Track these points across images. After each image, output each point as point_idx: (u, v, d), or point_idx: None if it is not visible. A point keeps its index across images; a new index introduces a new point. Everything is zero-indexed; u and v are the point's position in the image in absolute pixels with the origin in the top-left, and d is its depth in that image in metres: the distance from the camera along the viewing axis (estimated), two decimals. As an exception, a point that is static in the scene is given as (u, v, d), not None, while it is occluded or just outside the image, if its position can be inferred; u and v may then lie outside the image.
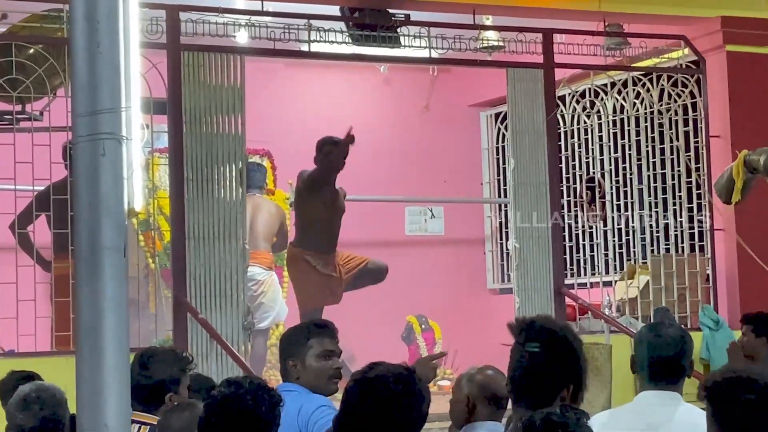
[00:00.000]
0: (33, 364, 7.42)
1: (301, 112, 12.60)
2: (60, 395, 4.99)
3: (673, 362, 4.52)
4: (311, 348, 4.97)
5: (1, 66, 8.61)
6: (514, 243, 10.17)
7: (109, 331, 3.40)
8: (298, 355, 4.97)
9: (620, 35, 10.59)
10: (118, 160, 3.46)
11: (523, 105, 10.25)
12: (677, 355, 4.53)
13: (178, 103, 8.99)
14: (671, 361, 4.52)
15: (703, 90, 10.73)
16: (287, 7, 9.59)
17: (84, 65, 3.47)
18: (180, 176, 8.98)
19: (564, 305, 10.13)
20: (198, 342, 8.72)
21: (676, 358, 4.53)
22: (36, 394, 4.95)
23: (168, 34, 9.02)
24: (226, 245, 9.00)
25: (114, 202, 3.45)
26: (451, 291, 12.87)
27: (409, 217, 13.35)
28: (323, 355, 4.97)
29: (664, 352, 4.52)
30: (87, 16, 3.48)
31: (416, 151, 12.95)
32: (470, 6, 9.97)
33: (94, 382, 3.39)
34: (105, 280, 3.41)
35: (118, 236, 3.44)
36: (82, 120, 3.44)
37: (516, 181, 10.20)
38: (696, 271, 10.52)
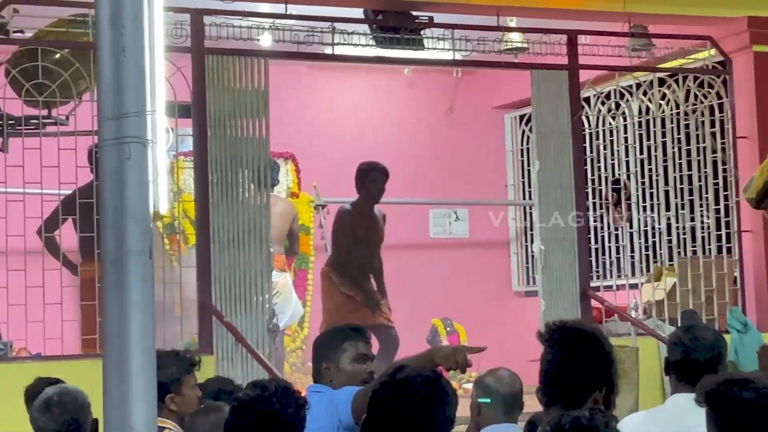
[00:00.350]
0: (60, 367, 7.47)
1: (325, 115, 12.62)
2: (82, 399, 5.00)
3: (709, 365, 4.49)
4: (345, 351, 4.99)
5: (28, 71, 8.63)
6: (539, 245, 10.14)
7: (136, 334, 3.41)
8: (332, 358, 4.99)
9: (645, 36, 10.55)
10: (143, 164, 3.46)
11: (547, 107, 10.22)
12: (713, 358, 4.50)
13: (202, 107, 9.01)
14: (707, 364, 4.49)
15: (730, 91, 10.68)
16: (311, 10, 9.59)
17: (109, 69, 3.48)
18: (205, 179, 8.99)
19: (590, 308, 10.09)
20: (223, 345, 8.73)
21: (712, 362, 4.50)
22: (58, 398, 4.97)
23: (192, 38, 9.03)
24: (250, 248, 9.00)
25: (139, 205, 3.45)
26: (476, 294, 12.85)
27: (434, 220, 13.34)
28: (357, 358, 4.99)
29: (701, 355, 4.50)
30: (112, 20, 3.49)
31: (440, 153, 12.95)
32: (494, 8, 9.95)
33: (120, 385, 3.39)
34: (131, 283, 3.41)
35: (143, 239, 3.44)
36: (107, 123, 3.44)
37: (541, 183, 10.17)
38: (723, 273, 10.46)
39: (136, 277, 3.44)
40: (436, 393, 3.44)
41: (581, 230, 10.14)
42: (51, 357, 8.30)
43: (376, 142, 12.20)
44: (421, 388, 3.44)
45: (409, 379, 3.46)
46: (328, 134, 12.56)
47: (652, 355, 9.60)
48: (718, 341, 4.58)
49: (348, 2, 9.74)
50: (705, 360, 4.50)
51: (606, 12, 10.18)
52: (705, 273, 10.41)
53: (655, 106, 10.72)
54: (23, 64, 8.65)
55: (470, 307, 12.44)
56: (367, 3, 9.79)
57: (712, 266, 10.44)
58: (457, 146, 13.08)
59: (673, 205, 10.63)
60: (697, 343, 4.53)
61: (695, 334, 4.59)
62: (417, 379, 3.46)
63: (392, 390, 3.45)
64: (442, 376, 3.53)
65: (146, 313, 3.45)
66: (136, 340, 3.41)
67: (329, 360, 4.99)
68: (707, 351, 4.51)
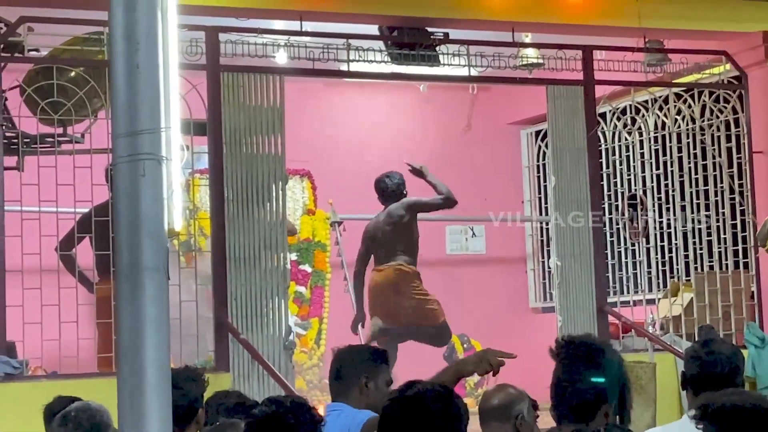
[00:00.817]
0: (76, 385, 7.46)
1: (341, 132, 12.61)
2: (101, 416, 5.00)
3: (726, 379, 4.47)
4: (382, 373, 5.00)
5: (43, 89, 8.66)
6: (555, 261, 10.12)
7: (151, 351, 3.40)
8: (372, 375, 5.00)
9: (661, 51, 10.53)
10: (158, 181, 3.46)
11: (563, 122, 10.21)
12: (730, 371, 4.48)
13: (218, 124, 9.01)
14: (724, 377, 4.47)
15: (746, 105, 10.66)
16: (326, 27, 9.60)
17: (123, 86, 3.48)
18: (220, 197, 8.99)
19: (607, 323, 10.06)
20: (239, 362, 8.72)
21: (729, 375, 4.48)
22: (75, 413, 4.97)
23: (207, 56, 9.05)
24: (266, 265, 9.00)
25: (154, 222, 3.44)
26: (492, 310, 12.82)
27: (450, 236, 13.32)
28: (389, 382, 5.01)
29: (718, 369, 4.48)
30: (126, 37, 3.49)
31: (457, 169, 12.92)
32: (509, 23, 9.95)
33: (135, 402, 3.38)
34: (146, 300, 3.40)
35: (158, 256, 3.44)
36: (122, 140, 3.44)
37: (557, 199, 10.14)
38: (740, 288, 10.42)
39: (151, 293, 3.43)
40: (447, 409, 3.42)
41: (598, 246, 10.11)
42: (67, 375, 8.29)
43: (392, 159, 12.17)
44: (433, 404, 3.42)
45: (420, 396, 3.44)
46: (343, 151, 12.56)
47: (670, 371, 9.56)
48: (735, 355, 4.55)
49: (363, 19, 9.74)
50: (722, 373, 4.47)
51: (621, 27, 10.16)
52: (722, 288, 10.37)
53: (671, 121, 10.70)
54: (38, 82, 8.68)
55: (487, 324, 12.40)
56: (382, 19, 9.79)
57: (729, 281, 10.40)
58: (473, 162, 13.06)
59: (690, 220, 10.59)
60: (714, 356, 4.51)
61: (712, 348, 4.57)
62: (428, 395, 3.44)
63: (403, 406, 3.43)
64: (453, 391, 3.50)
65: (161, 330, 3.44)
66: (150, 357, 3.40)
67: (370, 377, 4.99)
68: (724, 365, 4.49)
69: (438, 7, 9.75)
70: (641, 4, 9.96)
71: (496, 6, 9.83)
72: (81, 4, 8.59)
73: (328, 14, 9.53)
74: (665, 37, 10.56)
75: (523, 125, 13.46)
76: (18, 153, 8.60)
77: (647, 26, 10.13)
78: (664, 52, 10.56)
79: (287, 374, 8.94)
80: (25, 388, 8.04)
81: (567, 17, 10.09)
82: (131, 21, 3.49)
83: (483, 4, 9.84)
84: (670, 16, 10.26)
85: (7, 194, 8.39)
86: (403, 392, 3.48)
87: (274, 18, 9.68)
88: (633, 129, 10.82)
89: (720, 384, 4.45)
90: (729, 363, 4.51)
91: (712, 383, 4.46)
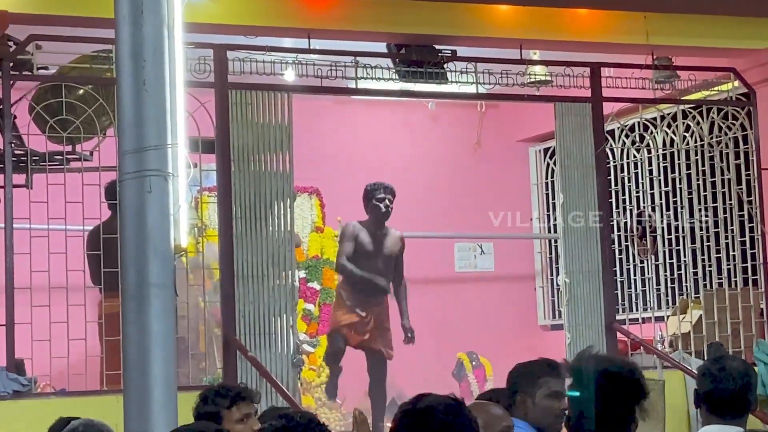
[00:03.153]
0: (83, 403, 7.47)
1: (349, 150, 12.62)
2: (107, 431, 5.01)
3: (738, 396, 4.47)
4: (541, 387, 5.00)
5: (52, 107, 8.68)
6: (564, 278, 10.10)
7: (157, 367, 3.41)
8: (528, 390, 5.01)
9: (669, 68, 10.52)
10: (164, 197, 3.47)
11: (571, 139, 10.20)
12: (743, 388, 4.48)
13: (226, 142, 9.03)
14: (736, 395, 4.47)
15: (754, 122, 10.64)
16: (334, 45, 9.61)
17: (130, 103, 3.50)
18: (228, 214, 9.00)
19: (616, 341, 10.03)
20: (247, 380, 8.70)
21: (741, 392, 4.48)
22: (83, 428, 4.97)
23: (216, 73, 9.06)
24: (274, 283, 9.00)
25: (161, 238, 3.46)
26: (501, 327, 12.80)
27: (459, 254, 13.31)
28: (552, 395, 4.99)
29: (730, 385, 4.48)
30: (133, 54, 3.51)
31: (465, 187, 12.93)
32: (517, 41, 9.95)
33: (142, 418, 3.39)
34: (152, 316, 3.42)
35: (165, 273, 3.45)
36: (128, 157, 3.46)
37: (566, 216, 10.13)
38: (750, 305, 10.39)
39: (158, 310, 3.44)
40: (458, 420, 3.41)
41: (606, 263, 10.09)
42: (75, 393, 8.29)
43: (401, 176, 12.18)
44: (444, 417, 3.41)
45: (430, 408, 3.43)
46: (352, 168, 12.56)
47: (679, 388, 9.53)
48: (747, 371, 4.55)
49: (371, 36, 9.75)
50: (734, 390, 4.47)
51: (629, 44, 10.16)
52: (731, 305, 10.33)
53: (680, 139, 10.69)
54: (47, 100, 8.70)
55: (496, 341, 12.39)
56: (390, 37, 9.81)
57: (738, 298, 10.37)
58: (482, 180, 13.06)
59: (699, 238, 10.57)
60: (725, 373, 4.50)
61: (723, 364, 4.56)
62: (439, 407, 3.43)
63: (414, 419, 3.42)
64: (463, 403, 3.49)
65: (167, 347, 3.45)
66: (157, 374, 3.41)
67: (524, 392, 5.00)
68: (736, 381, 4.48)
69: (446, 24, 9.76)
70: (649, 21, 9.97)
71: (504, 23, 9.84)
72: (89, 22, 8.62)
73: (336, 32, 9.55)
74: (673, 54, 10.55)
75: (532, 142, 13.46)
76: (27, 171, 8.62)
77: (655, 43, 10.13)
78: (672, 69, 10.55)
79: (295, 392, 8.93)
80: (33, 406, 8.04)
81: (575, 34, 10.10)
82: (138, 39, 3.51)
83: (491, 22, 9.85)
84: (678, 33, 10.27)
85: (16, 212, 8.40)
86: (414, 404, 3.47)
87: (283, 36, 9.70)
88: (641, 146, 10.81)
89: (733, 400, 4.45)
90: (741, 379, 4.50)
91: (724, 400, 4.46)
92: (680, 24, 10.23)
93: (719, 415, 4.48)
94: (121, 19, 3.53)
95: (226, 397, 5.11)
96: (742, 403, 4.50)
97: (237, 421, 5.14)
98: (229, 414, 5.08)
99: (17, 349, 8.29)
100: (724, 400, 4.47)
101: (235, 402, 5.11)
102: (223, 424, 5.03)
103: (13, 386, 8.16)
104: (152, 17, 3.52)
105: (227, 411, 5.08)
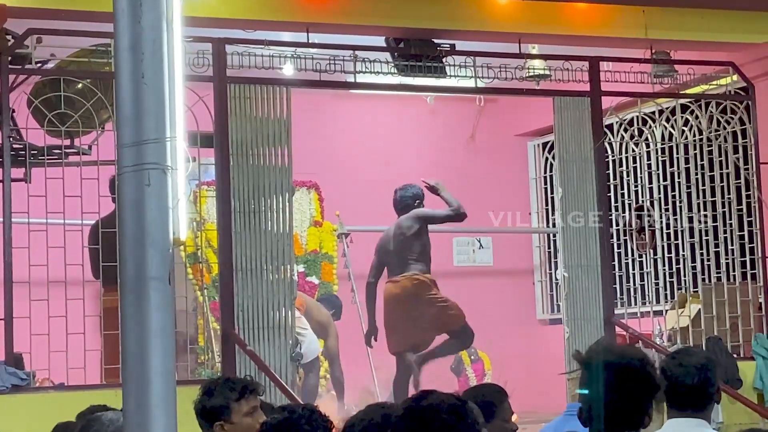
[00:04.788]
0: (83, 397, 7.45)
1: (348, 144, 12.62)
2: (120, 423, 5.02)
3: (697, 391, 4.52)
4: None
5: (50, 100, 8.67)
6: (563, 272, 10.11)
7: (156, 360, 3.39)
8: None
9: (668, 62, 10.53)
10: (163, 191, 3.46)
11: (570, 134, 10.20)
12: (701, 383, 4.52)
13: (225, 136, 9.02)
14: (695, 389, 4.51)
15: (753, 116, 10.64)
16: (333, 39, 9.61)
17: (129, 96, 3.49)
18: (227, 209, 8.99)
19: (614, 335, 10.04)
20: (246, 373, 8.70)
21: (700, 387, 4.52)
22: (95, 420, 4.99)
23: (214, 67, 9.06)
24: (273, 277, 9.00)
25: (159, 232, 3.45)
26: (500, 322, 12.80)
27: (458, 248, 13.32)
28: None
29: (687, 380, 4.52)
30: (132, 47, 3.50)
31: (464, 181, 12.91)
32: (516, 35, 9.95)
33: (140, 412, 3.38)
34: (151, 310, 3.40)
35: (163, 266, 3.43)
36: (127, 150, 3.45)
37: (564, 210, 10.13)
38: (748, 299, 10.39)
39: (156, 303, 3.43)
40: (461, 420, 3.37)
41: (605, 257, 10.10)
42: (74, 387, 8.29)
43: (399, 171, 12.18)
44: (447, 417, 3.37)
45: (433, 407, 3.39)
46: (350, 163, 12.57)
47: (678, 382, 9.52)
48: (706, 365, 4.58)
49: (370, 30, 9.75)
50: (691, 384, 4.51)
51: (628, 38, 10.15)
52: (729, 299, 10.34)
53: (678, 133, 10.69)
54: (45, 94, 8.69)
55: (495, 336, 12.39)
56: (388, 31, 9.80)
57: (736, 292, 10.38)
58: (481, 174, 13.06)
59: (697, 232, 10.58)
60: (682, 369, 4.54)
61: (680, 360, 4.60)
62: (441, 406, 3.38)
63: (416, 417, 3.39)
64: (467, 401, 3.47)
65: (166, 341, 3.44)
66: (156, 367, 3.40)
67: None
68: (693, 376, 4.52)
69: (445, 18, 9.75)
70: (648, 15, 9.96)
71: (502, 17, 9.84)
72: (88, 16, 8.60)
73: (335, 26, 9.54)
74: (672, 48, 10.55)
75: (530, 137, 13.46)
76: (25, 165, 8.62)
77: (654, 37, 10.13)
78: (670, 63, 10.55)
79: (294, 386, 8.94)
80: (32, 400, 8.05)
81: (574, 28, 10.09)
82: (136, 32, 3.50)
83: (490, 16, 9.84)
84: (677, 27, 10.26)
85: (15, 206, 8.40)
86: (417, 402, 3.43)
87: (281, 30, 9.69)
88: (640, 140, 10.81)
89: (691, 395, 4.49)
90: (699, 374, 4.54)
91: (682, 394, 4.51)
92: (679, 18, 10.22)
93: (679, 408, 4.53)
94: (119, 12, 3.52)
95: (234, 389, 5.10)
96: (703, 397, 4.54)
97: (245, 414, 5.12)
98: (238, 407, 5.07)
99: (16, 343, 8.29)
100: (681, 394, 4.52)
101: (243, 395, 5.10)
102: (231, 417, 5.03)
103: (12, 380, 8.17)
104: (151, 10, 3.51)
105: (236, 404, 5.06)
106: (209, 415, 5.04)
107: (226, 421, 5.02)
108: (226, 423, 5.02)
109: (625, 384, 3.69)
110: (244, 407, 5.10)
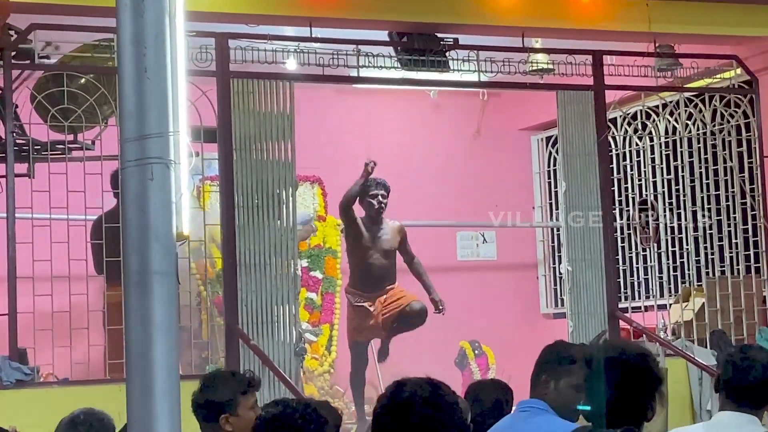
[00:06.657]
0: (87, 392, 7.47)
1: (351, 138, 12.61)
2: (108, 420, 5.03)
3: (758, 388, 4.51)
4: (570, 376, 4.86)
5: (53, 96, 8.67)
6: (566, 267, 10.10)
7: (159, 355, 3.39)
8: (553, 375, 4.88)
9: (671, 56, 10.51)
10: (166, 185, 3.46)
11: (573, 128, 10.19)
12: (765, 380, 4.50)
13: (228, 130, 9.02)
14: (756, 386, 4.50)
15: (756, 110, 10.63)
16: (336, 33, 9.60)
17: (132, 90, 3.48)
18: (230, 203, 8.99)
19: (618, 329, 10.03)
20: (250, 368, 8.69)
21: (762, 384, 4.50)
22: (84, 417, 5.00)
23: (217, 62, 9.05)
24: (276, 271, 9.00)
25: (163, 226, 3.44)
26: (504, 316, 12.80)
27: (461, 242, 13.31)
28: (576, 386, 4.91)
29: (751, 375, 4.50)
30: (134, 42, 3.49)
31: (467, 175, 12.92)
32: (519, 29, 9.94)
33: (144, 407, 3.38)
34: (154, 305, 3.40)
35: (167, 261, 3.43)
36: (130, 144, 3.44)
37: (568, 205, 10.13)
38: (752, 293, 10.39)
39: (160, 298, 3.43)
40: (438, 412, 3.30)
41: (609, 251, 10.09)
42: (78, 382, 8.29)
43: (403, 165, 12.18)
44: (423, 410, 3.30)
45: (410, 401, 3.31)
46: (354, 157, 12.52)
47: (681, 376, 9.53)
48: None
49: (373, 25, 9.74)
50: (754, 380, 4.50)
51: (631, 32, 10.15)
52: (733, 293, 10.34)
53: (682, 126, 10.67)
54: (48, 89, 8.69)
55: (498, 330, 12.39)
56: (391, 25, 9.80)
57: (740, 286, 10.37)
58: (484, 168, 13.05)
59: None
60: (748, 362, 4.53)
61: (747, 354, 4.59)
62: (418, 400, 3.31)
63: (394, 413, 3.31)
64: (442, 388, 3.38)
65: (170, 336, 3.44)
66: (159, 362, 3.40)
67: (550, 375, 4.88)
68: (758, 372, 4.51)
69: (448, 12, 9.74)
70: (651, 8, 9.95)
71: (505, 11, 9.83)
72: (91, 11, 8.60)
73: (338, 20, 9.54)
74: (676, 41, 10.54)
75: (534, 131, 13.45)
76: (29, 160, 8.61)
77: (657, 31, 10.11)
78: (674, 57, 10.54)
79: (298, 381, 8.94)
80: (36, 395, 8.05)
81: (577, 22, 10.08)
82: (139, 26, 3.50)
83: (493, 10, 9.83)
84: (681, 20, 10.25)
85: (18, 201, 8.40)
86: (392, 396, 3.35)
87: (284, 24, 9.68)
88: (644, 134, 10.79)
89: (751, 391, 4.48)
90: (764, 370, 4.52)
91: (742, 389, 4.49)
92: (682, 11, 10.21)
93: (735, 402, 4.51)
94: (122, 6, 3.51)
95: (241, 383, 5.12)
96: (762, 394, 4.52)
97: (250, 407, 5.13)
98: (244, 400, 5.08)
99: (20, 338, 8.30)
100: (741, 389, 4.51)
101: (248, 389, 5.12)
102: (237, 410, 5.04)
103: (16, 375, 8.17)
104: (154, 5, 3.51)
105: (242, 397, 5.08)
106: (214, 408, 5.04)
107: (232, 414, 5.03)
108: (231, 416, 5.03)
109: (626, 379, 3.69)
110: (250, 400, 5.12)
